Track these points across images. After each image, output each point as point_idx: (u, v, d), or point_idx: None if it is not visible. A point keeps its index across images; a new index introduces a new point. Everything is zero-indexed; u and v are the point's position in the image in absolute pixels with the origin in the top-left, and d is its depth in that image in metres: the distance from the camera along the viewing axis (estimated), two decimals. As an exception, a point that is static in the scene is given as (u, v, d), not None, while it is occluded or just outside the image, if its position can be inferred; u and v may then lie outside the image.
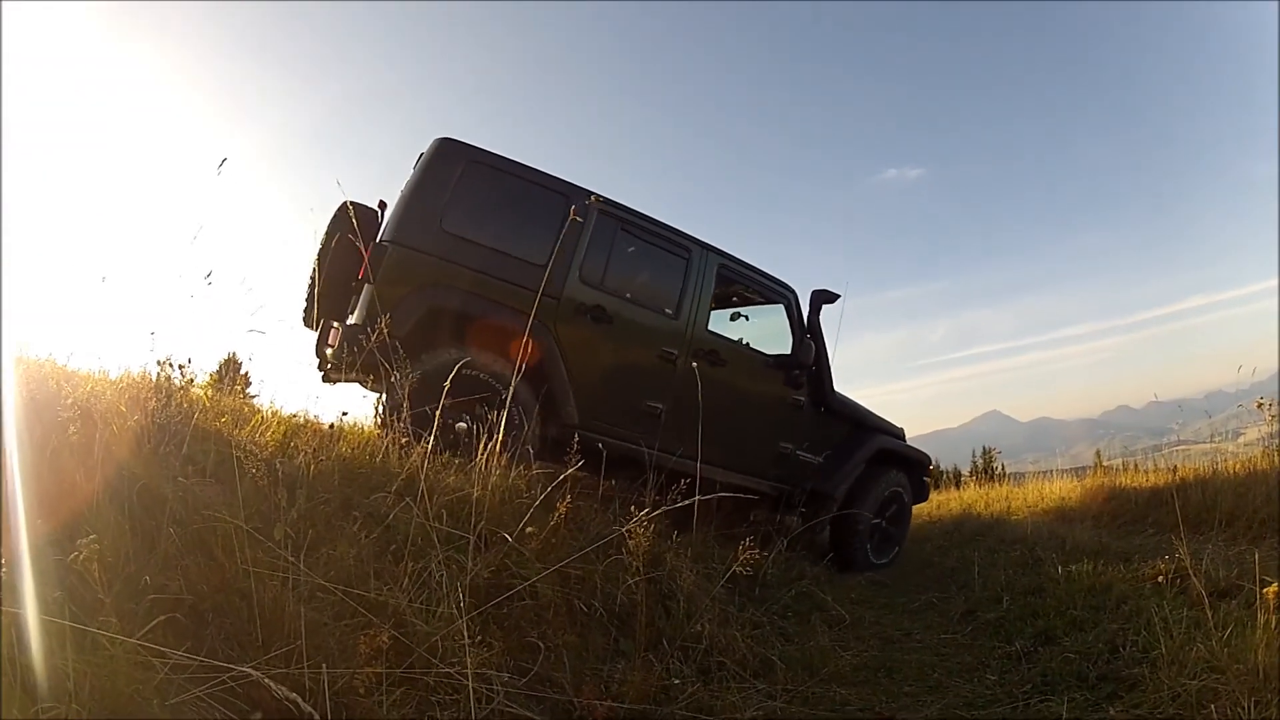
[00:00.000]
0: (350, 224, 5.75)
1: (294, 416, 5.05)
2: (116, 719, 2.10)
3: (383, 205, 6.66)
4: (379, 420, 5.25)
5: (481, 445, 4.53)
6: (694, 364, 6.45)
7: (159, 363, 4.06)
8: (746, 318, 8.06)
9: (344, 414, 4.96)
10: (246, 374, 10.63)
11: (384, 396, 5.32)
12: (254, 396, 6.02)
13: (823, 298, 7.91)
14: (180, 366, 4.07)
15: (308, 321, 6.53)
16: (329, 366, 6.22)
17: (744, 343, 7.73)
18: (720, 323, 7.78)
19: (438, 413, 4.34)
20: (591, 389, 6.41)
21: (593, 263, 6.58)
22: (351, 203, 6.26)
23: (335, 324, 5.92)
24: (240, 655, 2.54)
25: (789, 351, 7.74)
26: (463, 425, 5.31)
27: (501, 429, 4.80)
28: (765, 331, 8.06)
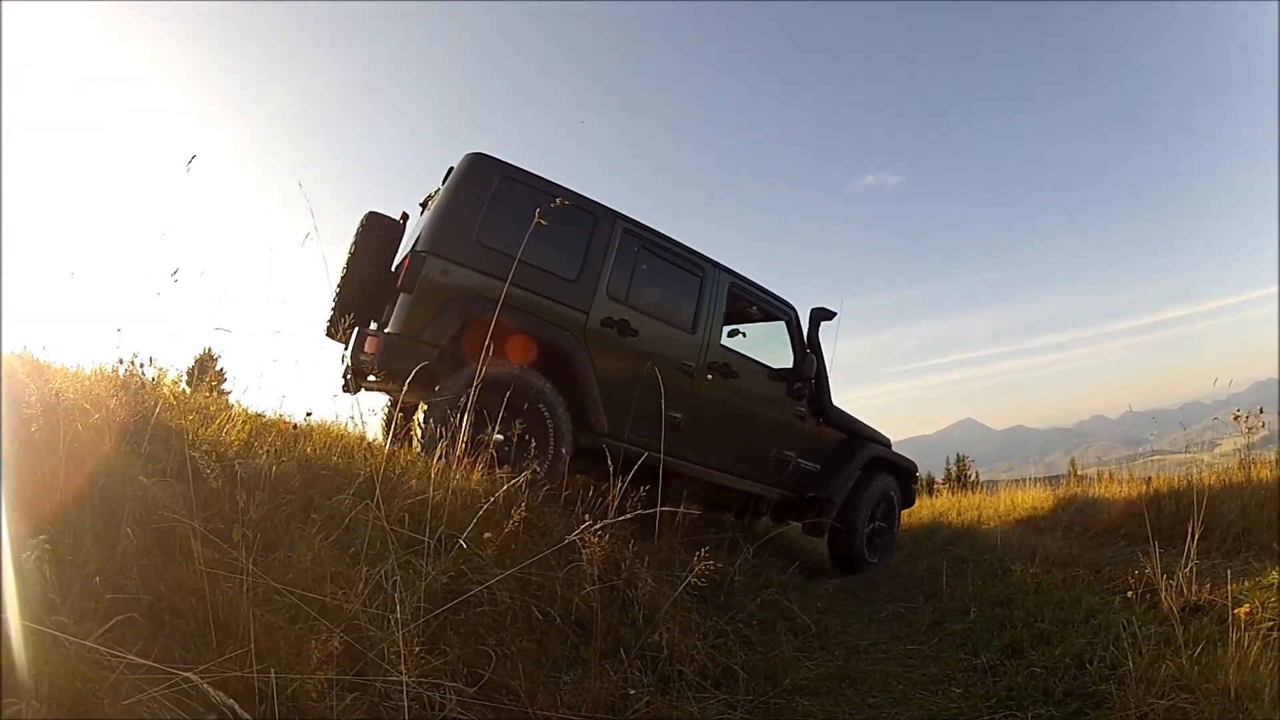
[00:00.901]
0: (375, 235, 6.26)
1: (259, 415, 5.00)
2: (72, 717, 2.08)
3: (405, 216, 7.05)
4: (419, 431, 5.39)
5: (441, 447, 4.55)
6: (709, 376, 7.37)
7: (120, 360, 4.09)
8: (744, 334, 8.38)
9: (309, 414, 4.95)
10: (221, 371, 10.54)
11: (426, 407, 5.50)
12: (228, 393, 5.95)
13: (821, 315, 8.45)
14: (143, 365, 4.12)
15: (331, 332, 6.65)
16: (356, 375, 6.29)
17: (751, 357, 8.05)
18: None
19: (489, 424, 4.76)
20: (617, 399, 6.64)
21: (618, 279, 6.87)
22: (374, 213, 6.55)
23: (370, 333, 5.93)
24: (196, 657, 2.49)
25: (790, 365, 8.28)
26: (500, 438, 5.34)
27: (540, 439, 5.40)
28: (761, 346, 8.36)
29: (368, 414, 5.74)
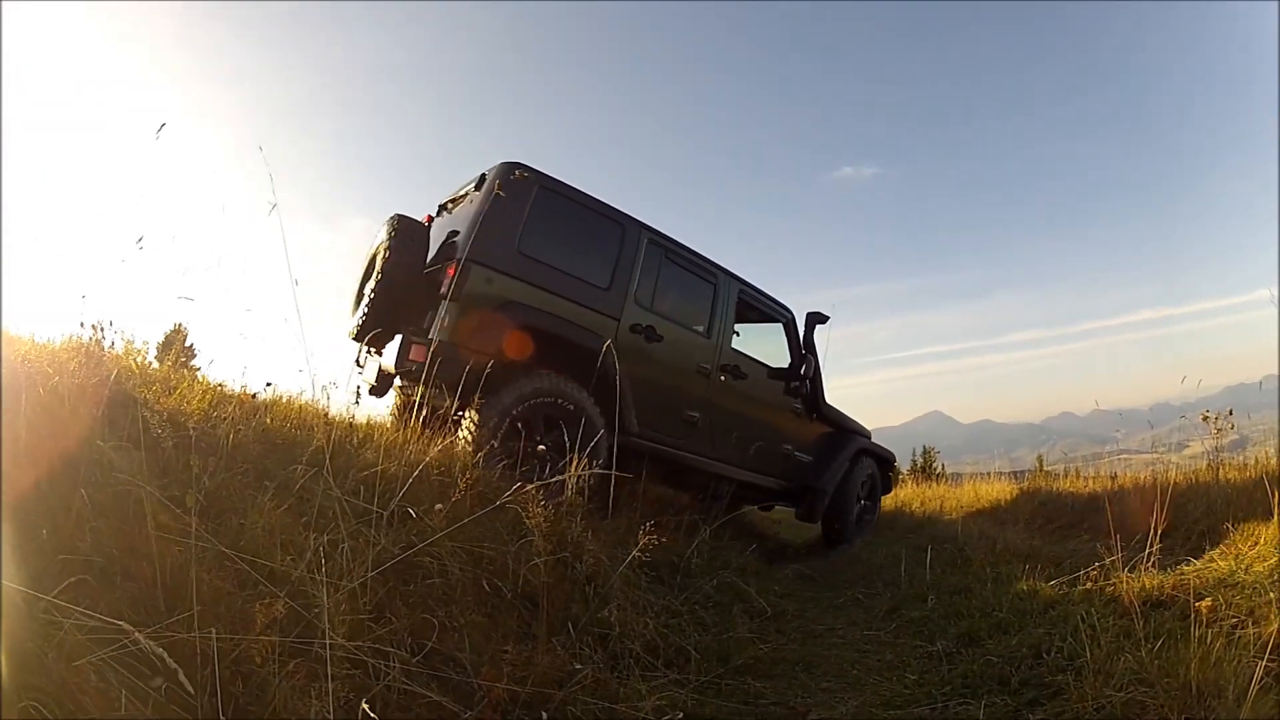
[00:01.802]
0: (408, 239, 6.48)
1: (220, 385, 5.06)
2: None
3: (430, 220, 7.27)
4: (468, 436, 5.52)
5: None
6: (722, 377, 7.86)
7: (82, 324, 4.07)
8: (738, 333, 8.65)
9: (269, 384, 5.14)
10: (191, 346, 10.49)
11: (476, 417, 5.64)
12: (196, 369, 5.90)
13: (816, 318, 9.13)
14: (102, 329, 4.10)
15: (360, 336, 6.65)
16: (402, 379, 6.44)
17: (755, 358, 8.59)
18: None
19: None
20: (643, 400, 6.98)
21: (645, 287, 7.21)
22: (397, 215, 6.69)
23: (418, 340, 5.95)
24: (144, 620, 2.46)
25: (784, 364, 8.96)
26: (542, 448, 5.73)
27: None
28: (752, 344, 8.76)
29: (330, 386, 5.70)
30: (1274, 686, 3.05)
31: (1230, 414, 7.39)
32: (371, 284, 6.45)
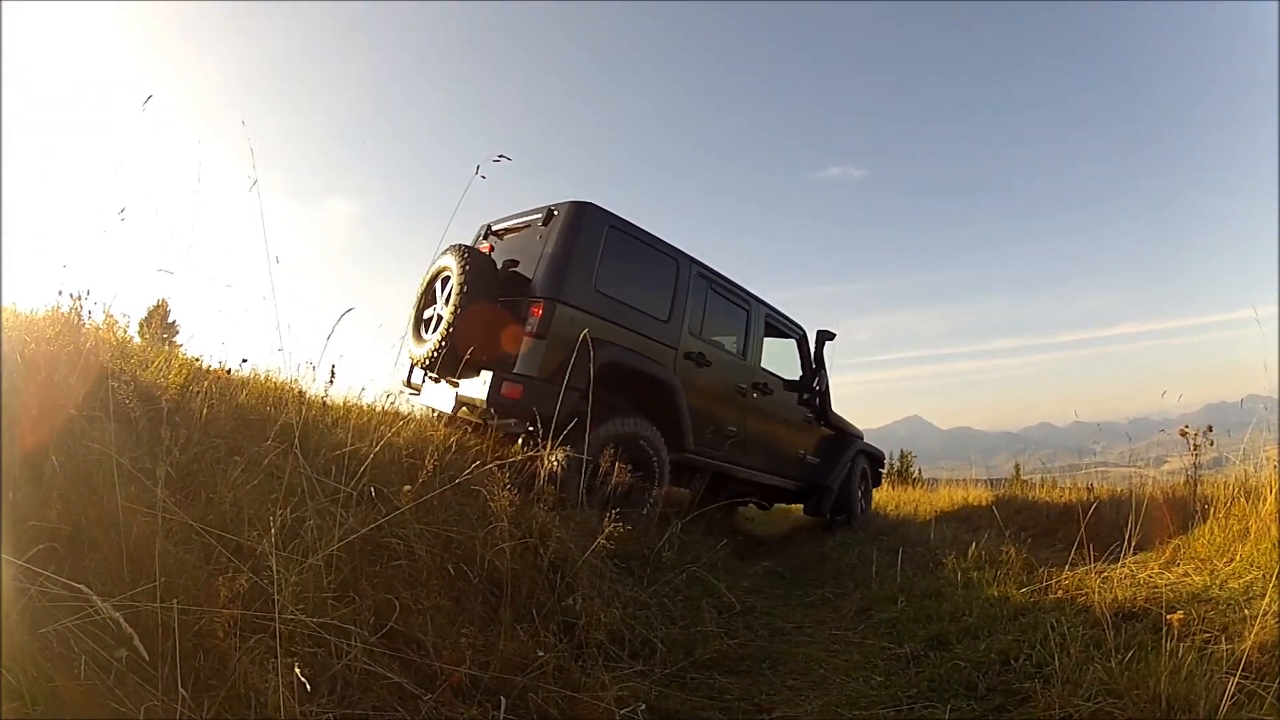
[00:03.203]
0: (481, 273, 6.57)
1: (196, 360, 5.13)
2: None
3: (491, 249, 7.50)
4: (554, 479, 5.62)
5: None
6: (754, 394, 8.68)
7: (60, 292, 4.12)
8: None
9: (244, 360, 5.27)
10: (174, 323, 10.48)
11: (562, 457, 5.79)
12: (180, 345, 5.87)
13: (825, 336, 10.12)
14: (80, 298, 4.16)
15: (439, 367, 6.69)
16: (494, 413, 6.47)
17: (776, 374, 9.41)
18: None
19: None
20: (696, 419, 7.57)
21: (694, 317, 7.82)
22: (465, 246, 6.88)
23: (508, 376, 6.25)
24: (110, 589, 2.48)
25: (798, 378, 9.93)
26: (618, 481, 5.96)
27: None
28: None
29: (306, 365, 5.66)
30: (1246, 704, 3.02)
31: (1210, 430, 7.35)
32: (446, 314, 6.54)
